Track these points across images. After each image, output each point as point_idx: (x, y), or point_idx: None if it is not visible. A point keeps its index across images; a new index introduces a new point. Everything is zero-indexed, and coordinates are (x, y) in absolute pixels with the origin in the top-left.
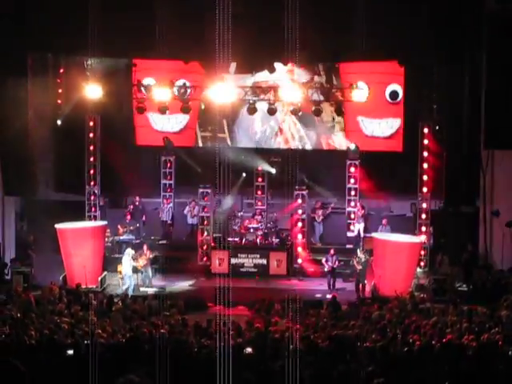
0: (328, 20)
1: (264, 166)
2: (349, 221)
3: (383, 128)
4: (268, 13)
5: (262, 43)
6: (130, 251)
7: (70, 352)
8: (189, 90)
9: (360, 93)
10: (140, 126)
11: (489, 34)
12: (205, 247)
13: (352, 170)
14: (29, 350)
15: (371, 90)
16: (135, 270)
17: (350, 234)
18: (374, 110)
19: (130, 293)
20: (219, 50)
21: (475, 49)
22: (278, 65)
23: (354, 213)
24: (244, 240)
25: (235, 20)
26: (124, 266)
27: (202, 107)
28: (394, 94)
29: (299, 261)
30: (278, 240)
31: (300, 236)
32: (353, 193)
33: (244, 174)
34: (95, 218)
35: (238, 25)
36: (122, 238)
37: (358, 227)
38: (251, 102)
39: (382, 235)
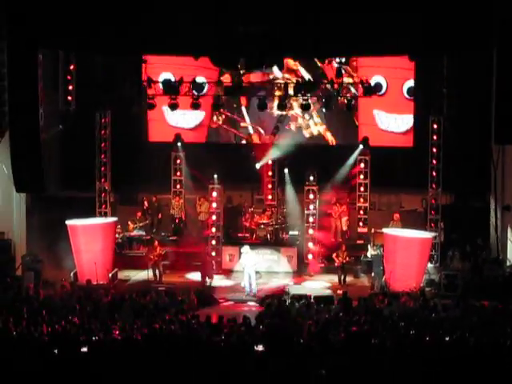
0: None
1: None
2: (359, 216)
3: (399, 123)
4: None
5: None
6: (247, 248)
7: (84, 349)
8: (206, 86)
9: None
10: (153, 120)
11: (500, 28)
12: (214, 243)
13: (362, 165)
14: (41, 346)
15: (389, 84)
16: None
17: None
18: (391, 105)
19: (247, 289)
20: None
21: (486, 43)
22: (286, 61)
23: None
24: (254, 236)
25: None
26: (244, 261)
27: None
28: (411, 90)
29: (309, 256)
30: (288, 236)
31: (311, 231)
32: (362, 188)
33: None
34: (106, 214)
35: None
36: (132, 234)
37: (343, 221)
38: (261, 97)
39: (393, 230)
